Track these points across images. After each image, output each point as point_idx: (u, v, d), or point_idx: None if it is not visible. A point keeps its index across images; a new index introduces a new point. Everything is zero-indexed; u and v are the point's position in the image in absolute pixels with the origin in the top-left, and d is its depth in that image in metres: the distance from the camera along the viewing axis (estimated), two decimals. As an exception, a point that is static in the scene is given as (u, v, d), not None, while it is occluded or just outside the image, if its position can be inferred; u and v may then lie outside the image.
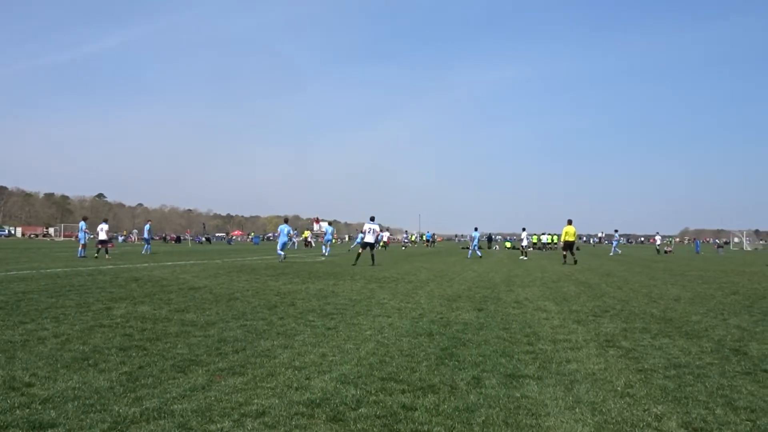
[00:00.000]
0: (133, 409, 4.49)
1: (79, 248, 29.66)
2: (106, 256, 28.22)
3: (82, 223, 30.79)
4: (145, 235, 37.13)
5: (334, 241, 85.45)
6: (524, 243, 43.39)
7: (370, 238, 24.90)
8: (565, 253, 29.92)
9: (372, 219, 25.22)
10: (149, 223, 38.04)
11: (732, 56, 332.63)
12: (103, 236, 30.26)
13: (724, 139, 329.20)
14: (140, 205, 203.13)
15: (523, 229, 44.05)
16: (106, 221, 31.62)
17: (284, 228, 30.32)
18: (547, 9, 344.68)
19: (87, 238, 30.69)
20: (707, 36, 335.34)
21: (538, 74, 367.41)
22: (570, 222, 30.30)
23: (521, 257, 39.34)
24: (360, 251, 25.38)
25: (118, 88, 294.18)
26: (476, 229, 42.60)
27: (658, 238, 60.09)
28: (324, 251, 35.30)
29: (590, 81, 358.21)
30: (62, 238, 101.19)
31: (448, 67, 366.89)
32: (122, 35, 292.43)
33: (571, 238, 29.98)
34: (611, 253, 49.70)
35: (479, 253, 40.98)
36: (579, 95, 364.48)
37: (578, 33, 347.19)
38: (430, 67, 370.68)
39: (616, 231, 59.01)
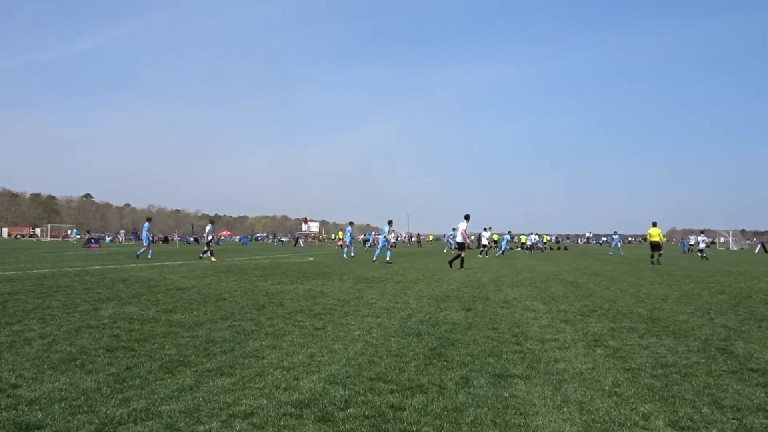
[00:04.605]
0: (120, 410, 4.47)
1: (142, 249, 29.09)
2: (212, 258, 28.25)
3: (146, 224, 29.80)
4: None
5: (318, 241, 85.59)
6: (483, 242, 44.38)
7: (459, 238, 24.43)
8: (653, 253, 30.51)
9: (466, 218, 24.44)
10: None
11: (720, 56, 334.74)
12: (209, 237, 29.84)
13: (711, 139, 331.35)
14: (128, 205, 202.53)
15: (485, 229, 45.62)
16: (212, 222, 30.80)
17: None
18: (534, 9, 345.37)
19: (150, 238, 29.57)
20: (694, 36, 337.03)
21: (525, 74, 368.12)
22: (654, 224, 31.00)
23: (479, 255, 40.26)
24: (454, 252, 24.50)
25: (105, 87, 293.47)
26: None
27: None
28: (345, 252, 34.97)
29: (577, 81, 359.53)
30: (49, 239, 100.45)
31: (435, 67, 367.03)
32: (109, 34, 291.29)
33: (656, 239, 30.55)
34: (611, 253, 51.62)
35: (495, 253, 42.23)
36: (566, 95, 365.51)
37: (564, 33, 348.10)
38: (418, 67, 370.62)
39: (615, 232, 59.62)
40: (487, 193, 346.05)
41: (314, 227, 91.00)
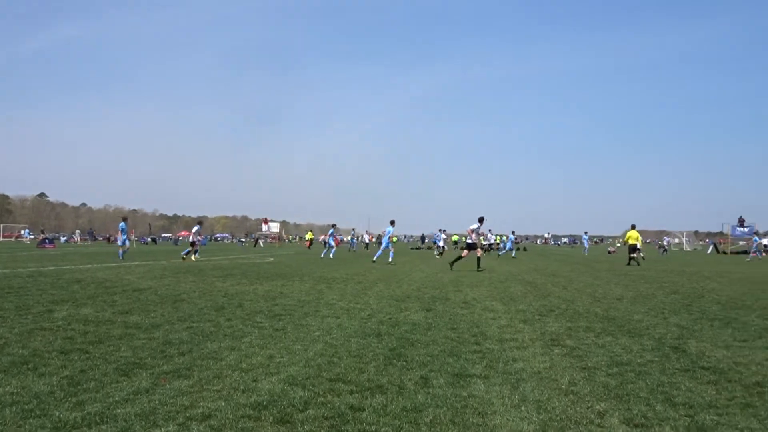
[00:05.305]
0: (74, 414, 4.39)
1: (120, 251, 28.36)
2: (194, 257, 28.02)
3: (122, 225, 29.01)
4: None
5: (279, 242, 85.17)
6: (440, 243, 45.77)
7: (469, 239, 24.33)
8: (632, 255, 31.08)
9: (480, 220, 24.11)
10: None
11: (687, 58, 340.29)
12: (192, 237, 29.68)
13: (667, 141, 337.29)
14: (84, 204, 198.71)
15: (440, 230, 47.69)
16: (200, 224, 30.52)
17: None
18: (523, 7, 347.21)
19: (126, 240, 28.91)
20: (665, 38, 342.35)
21: (507, 74, 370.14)
22: (633, 227, 31.70)
23: (436, 256, 41.10)
24: (479, 254, 24.27)
25: (58, 83, 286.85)
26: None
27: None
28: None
29: (549, 81, 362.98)
30: (1, 239, 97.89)
31: (413, 66, 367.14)
32: (62, 31, 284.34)
33: (634, 242, 31.25)
34: (586, 253, 51.59)
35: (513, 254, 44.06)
36: (536, 96, 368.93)
37: (549, 32, 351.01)
38: (398, 65, 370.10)
39: (585, 232, 59.93)
40: (460, 193, 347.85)
41: (274, 228, 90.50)
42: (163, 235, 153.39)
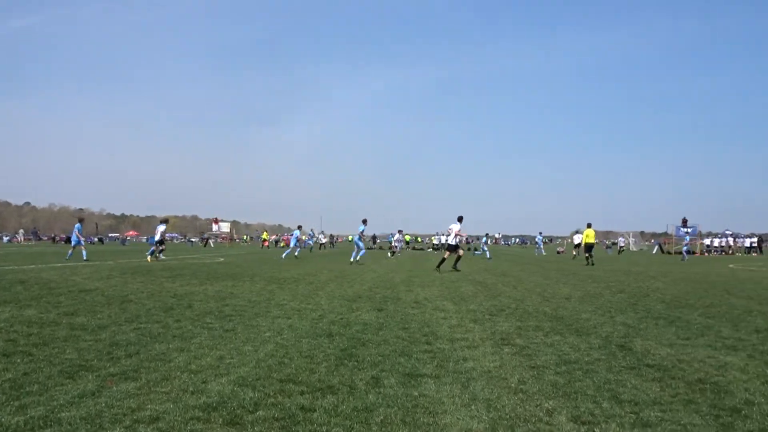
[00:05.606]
0: (16, 419, 4.27)
1: (69, 251, 28.53)
2: (159, 257, 28.29)
3: (78, 226, 28.77)
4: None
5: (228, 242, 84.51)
6: (394, 242, 46.56)
7: (451, 239, 23.83)
8: (587, 254, 31.36)
9: (459, 219, 23.61)
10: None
11: (634, 57, 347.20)
12: (158, 237, 29.66)
13: (612, 141, 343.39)
14: (27, 203, 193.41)
15: (399, 231, 49.06)
16: (165, 222, 30.61)
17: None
18: (486, 8, 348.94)
19: (81, 240, 28.38)
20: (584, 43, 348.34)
21: (452, 75, 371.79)
22: (589, 225, 32.07)
23: (389, 255, 41.70)
24: (445, 255, 23.65)
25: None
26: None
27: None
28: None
29: (491, 79, 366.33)
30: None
31: (370, 66, 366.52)
32: (12, 23, 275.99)
33: (591, 240, 31.63)
34: (538, 253, 54.06)
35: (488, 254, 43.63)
36: (478, 95, 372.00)
37: (492, 33, 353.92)
38: (349, 65, 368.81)
39: (540, 233, 61.07)
40: (416, 193, 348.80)
41: (225, 227, 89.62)
42: (110, 234, 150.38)
